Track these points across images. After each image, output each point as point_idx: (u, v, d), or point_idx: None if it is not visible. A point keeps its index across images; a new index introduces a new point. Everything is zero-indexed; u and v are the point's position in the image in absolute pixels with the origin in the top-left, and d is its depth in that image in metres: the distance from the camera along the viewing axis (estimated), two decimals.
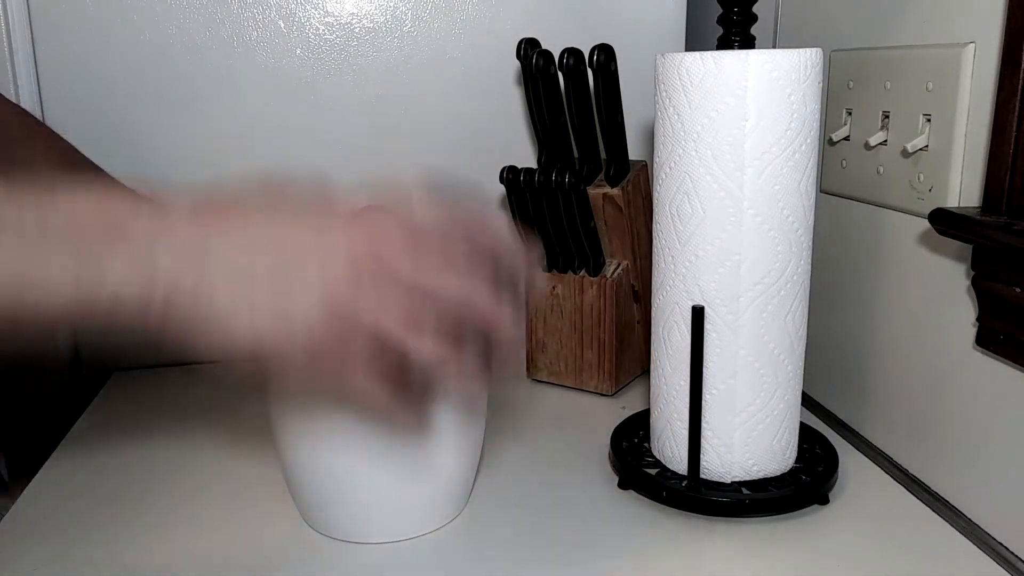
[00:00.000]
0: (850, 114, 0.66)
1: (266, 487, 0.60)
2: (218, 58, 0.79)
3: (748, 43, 0.55)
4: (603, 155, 0.74)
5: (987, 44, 0.52)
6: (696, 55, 0.51)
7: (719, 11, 0.55)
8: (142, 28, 0.77)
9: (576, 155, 0.75)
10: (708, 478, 0.57)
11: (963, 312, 0.55)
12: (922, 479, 0.60)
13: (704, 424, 0.56)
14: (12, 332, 0.35)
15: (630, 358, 0.78)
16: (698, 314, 0.54)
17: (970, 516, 0.55)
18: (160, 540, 0.54)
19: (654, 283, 0.59)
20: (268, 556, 0.52)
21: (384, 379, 0.38)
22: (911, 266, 0.60)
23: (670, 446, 0.59)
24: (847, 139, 0.66)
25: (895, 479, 0.61)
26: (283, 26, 0.80)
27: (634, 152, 0.82)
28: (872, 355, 0.66)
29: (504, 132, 0.85)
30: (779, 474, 0.58)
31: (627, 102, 0.72)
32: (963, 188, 0.55)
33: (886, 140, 0.61)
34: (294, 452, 0.53)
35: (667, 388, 0.58)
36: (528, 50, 0.71)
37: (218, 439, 0.69)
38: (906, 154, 0.59)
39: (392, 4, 0.81)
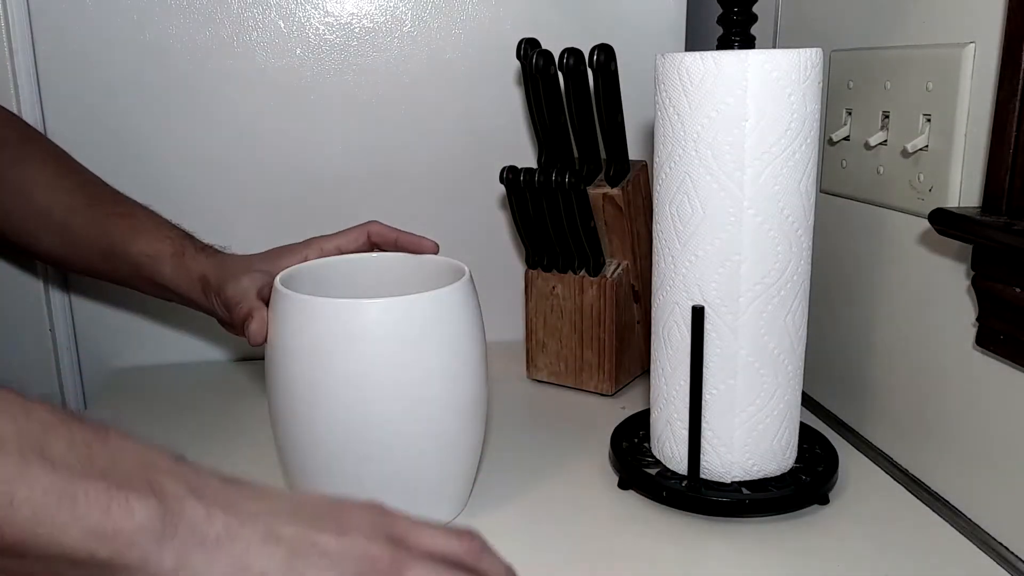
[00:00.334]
0: (850, 114, 0.66)
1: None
2: (218, 58, 0.79)
3: (748, 43, 0.55)
4: (603, 155, 0.74)
5: (987, 44, 0.52)
6: (696, 55, 0.51)
7: (719, 11, 0.55)
8: (142, 28, 0.77)
9: (576, 155, 0.75)
10: (708, 478, 0.57)
11: (963, 312, 0.55)
12: (922, 479, 0.60)
13: (704, 424, 0.56)
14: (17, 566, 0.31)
15: (630, 358, 0.78)
16: (698, 314, 0.54)
17: (970, 516, 0.55)
18: None
19: (654, 283, 0.59)
20: None
21: None
22: (911, 266, 0.60)
23: (670, 446, 0.59)
24: (847, 139, 0.66)
25: (895, 479, 0.61)
26: (283, 26, 0.80)
27: (634, 152, 0.82)
28: (872, 355, 0.66)
29: (504, 132, 0.85)
30: (779, 474, 0.58)
31: (627, 102, 0.72)
32: (963, 188, 0.55)
33: (886, 140, 0.61)
34: (294, 452, 0.53)
35: (667, 388, 0.58)
36: (528, 50, 0.71)
37: (218, 439, 0.69)
38: (906, 154, 0.59)
39: (392, 4, 0.81)
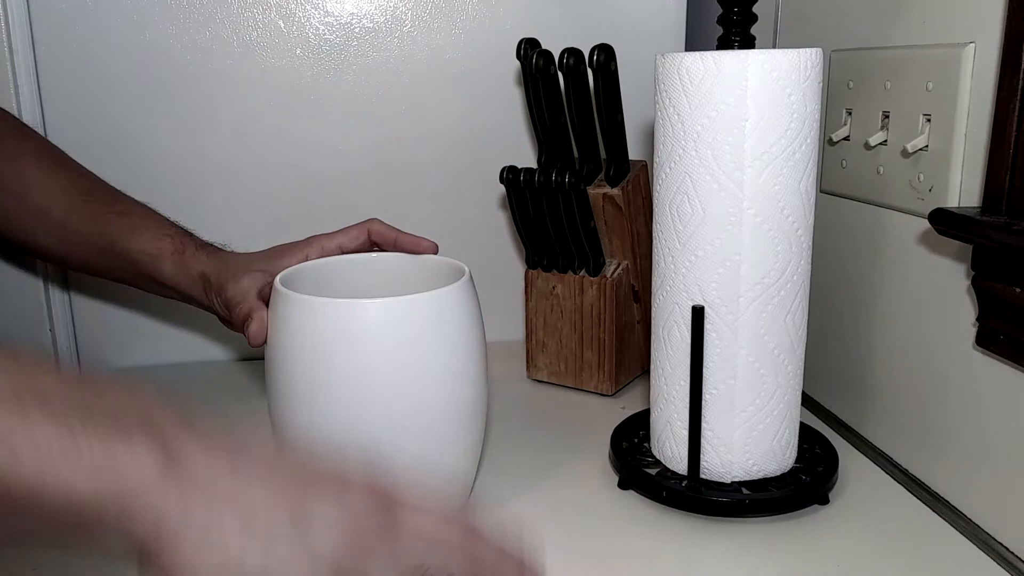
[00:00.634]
0: (850, 114, 0.66)
1: None
2: (218, 58, 0.79)
3: (748, 43, 0.55)
4: (603, 155, 0.74)
5: (987, 44, 0.52)
6: (696, 55, 0.51)
7: (719, 11, 0.55)
8: (142, 28, 0.77)
9: (576, 155, 0.75)
10: (708, 478, 0.57)
11: (963, 312, 0.55)
12: (922, 479, 0.60)
13: (704, 424, 0.56)
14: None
15: (630, 358, 0.78)
16: (698, 314, 0.54)
17: (970, 516, 0.55)
18: None
19: (654, 283, 0.59)
20: None
21: None
22: (911, 266, 0.60)
23: (670, 446, 0.59)
24: (847, 139, 0.66)
25: (895, 479, 0.61)
26: (283, 26, 0.80)
27: (634, 152, 0.82)
28: (872, 355, 0.66)
29: (504, 132, 0.85)
30: (779, 474, 0.58)
31: (627, 102, 0.72)
32: (963, 188, 0.55)
33: (886, 140, 0.61)
34: None
35: (667, 388, 0.58)
36: (528, 50, 0.71)
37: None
38: (906, 154, 0.59)
39: (392, 4, 0.81)
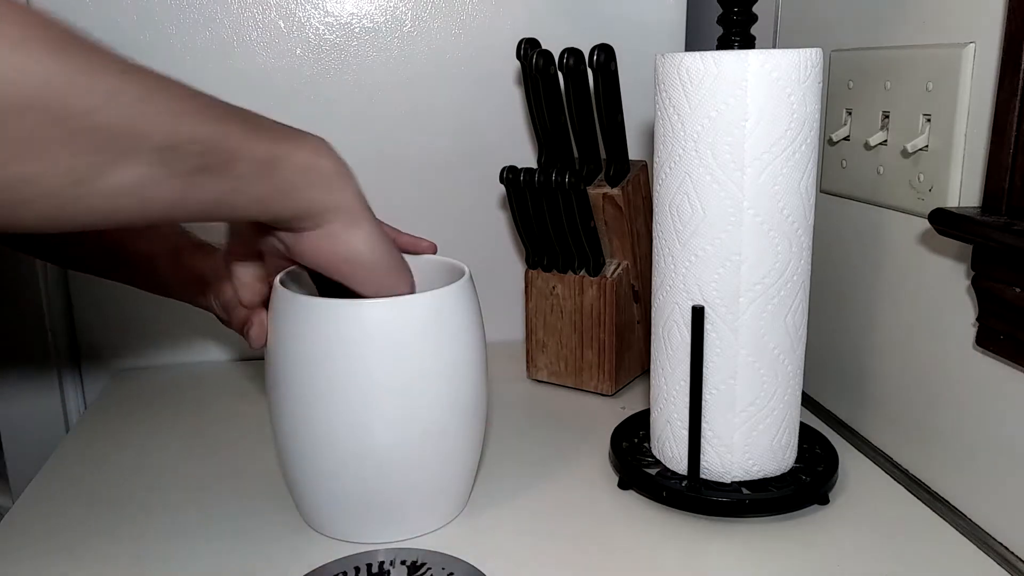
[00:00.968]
0: (850, 114, 0.66)
1: (266, 487, 0.60)
2: (218, 58, 0.79)
3: (748, 43, 0.55)
4: (603, 155, 0.74)
5: (987, 44, 0.52)
6: (696, 55, 0.51)
7: (719, 11, 0.55)
8: (142, 28, 0.77)
9: (576, 155, 0.75)
10: (708, 478, 0.57)
11: (963, 312, 0.55)
12: (922, 479, 0.60)
13: (704, 424, 0.56)
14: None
15: (630, 358, 0.78)
16: (698, 314, 0.54)
17: (970, 516, 0.55)
18: (160, 540, 0.54)
19: (654, 283, 0.59)
20: (268, 556, 0.52)
21: None
22: (911, 266, 0.60)
23: (670, 446, 0.59)
24: (847, 139, 0.66)
25: (895, 479, 0.61)
26: (283, 26, 0.80)
27: (634, 152, 0.82)
28: (872, 355, 0.66)
29: (504, 132, 0.85)
30: (779, 474, 0.58)
31: (627, 102, 0.72)
32: (963, 188, 0.55)
33: (886, 140, 0.61)
34: (294, 452, 0.53)
35: (667, 388, 0.58)
36: (528, 50, 0.71)
37: (218, 439, 0.69)
38: (906, 154, 0.59)
39: (392, 4, 0.81)
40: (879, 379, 0.65)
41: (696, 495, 0.56)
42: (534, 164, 0.75)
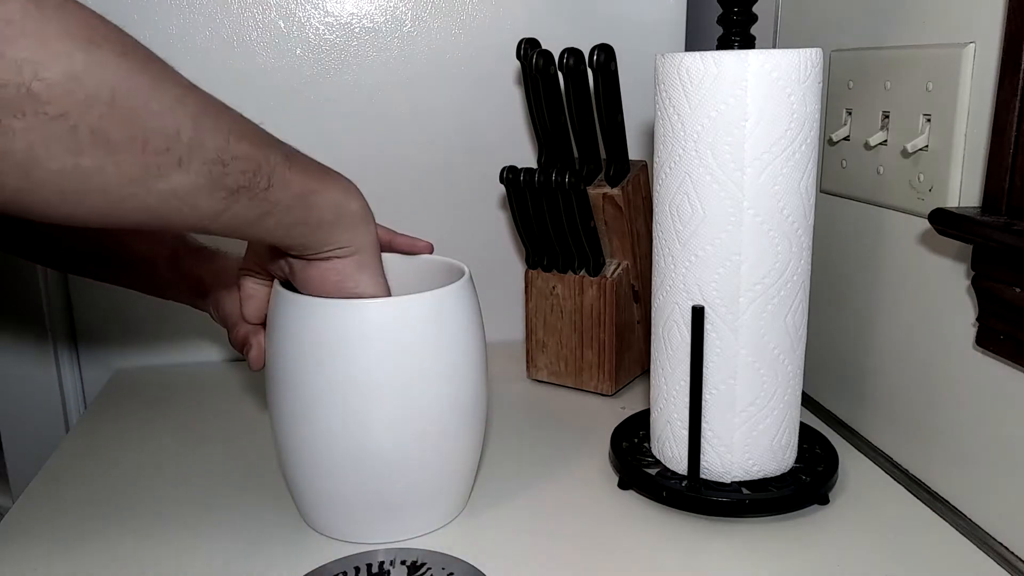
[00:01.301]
0: (850, 114, 0.66)
1: (266, 487, 0.60)
2: (218, 58, 0.79)
3: (748, 43, 0.55)
4: (603, 155, 0.74)
5: (987, 44, 0.52)
6: (696, 55, 0.51)
7: (719, 11, 0.55)
8: (142, 28, 0.77)
9: (576, 155, 0.75)
10: (708, 478, 0.57)
11: (963, 312, 0.55)
12: (922, 479, 0.60)
13: (704, 424, 0.56)
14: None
15: (630, 358, 0.78)
16: (698, 314, 0.54)
17: (970, 516, 0.55)
18: (160, 539, 0.54)
19: (654, 283, 0.59)
20: (268, 556, 0.52)
21: None
22: (911, 266, 0.60)
23: (670, 446, 0.59)
24: (847, 139, 0.66)
25: (895, 479, 0.61)
26: (283, 26, 0.80)
27: (634, 152, 0.82)
28: (872, 355, 0.66)
29: (504, 132, 0.85)
30: (779, 474, 0.58)
31: (627, 102, 0.72)
32: (963, 188, 0.55)
33: (886, 140, 0.61)
34: (294, 452, 0.53)
35: (667, 388, 0.58)
36: (528, 50, 0.71)
37: (218, 439, 0.69)
38: (906, 154, 0.59)
39: (392, 4, 0.81)
40: (879, 379, 0.65)
41: (696, 495, 0.56)
42: (534, 164, 0.75)
